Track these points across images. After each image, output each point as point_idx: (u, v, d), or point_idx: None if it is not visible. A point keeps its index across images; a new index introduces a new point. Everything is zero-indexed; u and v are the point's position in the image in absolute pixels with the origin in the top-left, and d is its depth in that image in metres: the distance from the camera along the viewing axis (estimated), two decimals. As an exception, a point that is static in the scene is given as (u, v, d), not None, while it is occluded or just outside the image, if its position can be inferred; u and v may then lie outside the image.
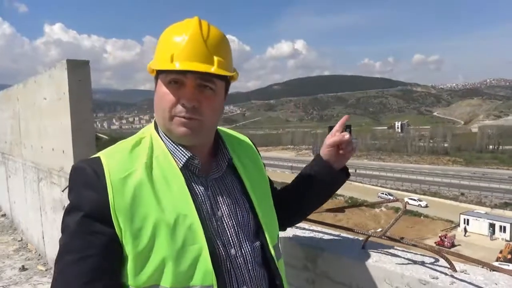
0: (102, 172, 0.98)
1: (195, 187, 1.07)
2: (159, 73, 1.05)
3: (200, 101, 1.02)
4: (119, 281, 0.97)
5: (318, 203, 1.43)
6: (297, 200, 1.40)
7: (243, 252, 1.10)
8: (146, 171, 1.01)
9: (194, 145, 1.09)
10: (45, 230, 4.62)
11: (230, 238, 1.08)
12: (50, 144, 4.18)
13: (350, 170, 1.43)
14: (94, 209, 0.95)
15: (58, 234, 0.88)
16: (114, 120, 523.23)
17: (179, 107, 1.02)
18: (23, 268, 4.51)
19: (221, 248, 1.05)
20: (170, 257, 0.96)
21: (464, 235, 46.14)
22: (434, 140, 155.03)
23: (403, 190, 70.07)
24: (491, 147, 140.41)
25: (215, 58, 1.01)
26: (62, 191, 3.66)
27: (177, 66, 0.98)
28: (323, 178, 1.35)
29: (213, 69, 1.00)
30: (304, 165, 1.48)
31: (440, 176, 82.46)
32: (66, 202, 0.93)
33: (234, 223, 1.10)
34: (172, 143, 1.09)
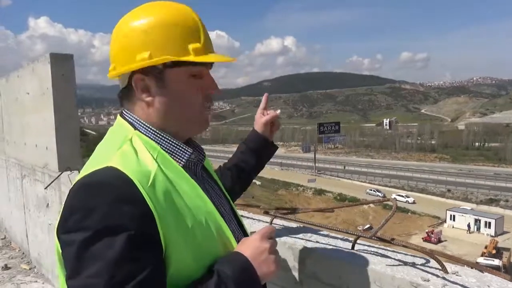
0: (131, 181, 0.84)
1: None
2: (167, 67, 0.96)
3: None
4: None
5: (254, 176, 1.59)
6: (240, 178, 1.53)
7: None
8: (164, 176, 0.91)
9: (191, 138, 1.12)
10: (29, 228, 4.52)
11: (229, 227, 1.05)
12: (33, 140, 4.08)
13: (339, 167, 1.43)
14: (141, 226, 0.81)
15: (42, 232, 0.82)
16: (102, 116, 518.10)
17: (207, 98, 1.03)
18: (6, 267, 4.41)
19: (238, 239, 1.05)
20: (214, 254, 0.95)
21: (468, 232, 46.79)
22: (422, 137, 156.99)
23: (391, 187, 70.64)
24: (477, 144, 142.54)
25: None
26: (45, 188, 3.57)
27: (213, 58, 0.99)
28: (262, 152, 1.53)
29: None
30: (293, 161, 1.52)
31: (427, 173, 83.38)
32: (50, 199, 0.89)
33: (226, 213, 1.12)
34: (171, 141, 1.01)
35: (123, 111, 1.05)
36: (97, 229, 0.79)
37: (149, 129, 1.00)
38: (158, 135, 1.00)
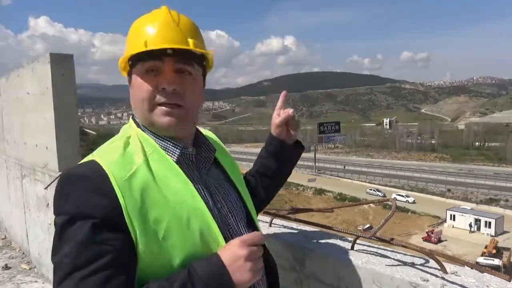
0: (105, 175, 0.92)
1: (193, 180, 1.04)
2: (133, 66, 1.02)
3: (181, 85, 1.00)
4: (134, 284, 0.92)
5: (282, 181, 1.50)
6: (263, 184, 1.45)
7: None
8: (147, 170, 0.97)
9: (178, 137, 1.06)
10: (29, 228, 4.52)
11: (232, 227, 1.09)
12: (33, 140, 4.08)
13: (339, 166, 1.41)
14: (107, 215, 0.89)
15: (42, 232, 0.89)
16: (102, 116, 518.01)
17: (160, 94, 0.99)
18: (6, 267, 4.41)
19: (230, 238, 1.04)
20: (191, 253, 0.95)
21: (470, 231, 46.63)
22: (422, 136, 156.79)
23: (391, 186, 70.52)
24: (477, 143, 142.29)
25: (190, 40, 1.00)
26: (45, 188, 3.57)
27: (152, 48, 0.96)
28: (282, 155, 1.43)
29: (190, 47, 0.99)
30: None
31: (428, 173, 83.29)
32: (50, 199, 0.97)
33: (232, 213, 1.12)
34: (160, 138, 1.05)
35: None
36: (71, 215, 0.89)
37: (145, 128, 1.06)
38: (149, 131, 1.06)
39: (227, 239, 1.02)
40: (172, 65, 0.99)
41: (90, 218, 0.88)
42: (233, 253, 0.93)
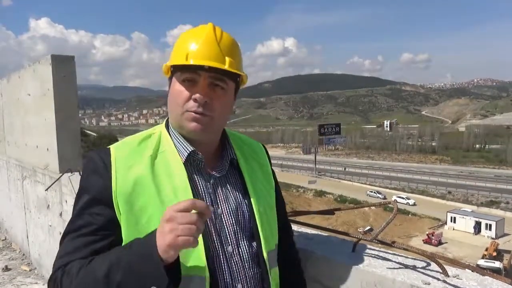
0: (109, 161, 1.09)
1: (197, 183, 1.13)
2: (174, 72, 1.12)
3: (212, 98, 1.09)
4: None
5: None
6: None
7: (240, 250, 1.13)
8: (150, 164, 1.10)
9: (202, 141, 1.14)
10: (29, 229, 4.52)
11: (228, 236, 1.12)
12: (34, 141, 4.08)
13: (339, 168, 1.39)
14: (98, 193, 1.07)
15: (42, 233, 0.93)
16: (102, 117, 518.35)
17: (191, 103, 1.09)
18: (6, 268, 4.41)
19: (217, 244, 1.09)
20: None
21: (475, 233, 46.45)
22: (422, 138, 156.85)
23: (391, 188, 70.49)
24: (477, 146, 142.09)
25: (227, 59, 1.09)
26: (46, 190, 3.57)
27: (192, 62, 1.07)
28: None
29: (226, 66, 1.08)
30: (293, 163, 1.47)
31: (428, 175, 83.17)
32: (50, 200, 1.04)
33: (233, 221, 1.14)
34: (177, 138, 1.15)
35: None
36: (80, 187, 1.12)
37: (174, 129, 1.17)
38: (173, 132, 1.17)
39: (216, 244, 1.09)
40: (207, 79, 1.09)
41: (87, 193, 1.09)
42: (162, 219, 0.94)
